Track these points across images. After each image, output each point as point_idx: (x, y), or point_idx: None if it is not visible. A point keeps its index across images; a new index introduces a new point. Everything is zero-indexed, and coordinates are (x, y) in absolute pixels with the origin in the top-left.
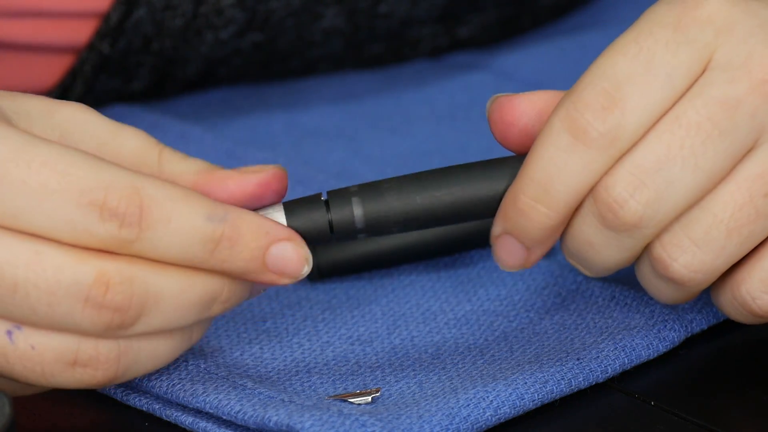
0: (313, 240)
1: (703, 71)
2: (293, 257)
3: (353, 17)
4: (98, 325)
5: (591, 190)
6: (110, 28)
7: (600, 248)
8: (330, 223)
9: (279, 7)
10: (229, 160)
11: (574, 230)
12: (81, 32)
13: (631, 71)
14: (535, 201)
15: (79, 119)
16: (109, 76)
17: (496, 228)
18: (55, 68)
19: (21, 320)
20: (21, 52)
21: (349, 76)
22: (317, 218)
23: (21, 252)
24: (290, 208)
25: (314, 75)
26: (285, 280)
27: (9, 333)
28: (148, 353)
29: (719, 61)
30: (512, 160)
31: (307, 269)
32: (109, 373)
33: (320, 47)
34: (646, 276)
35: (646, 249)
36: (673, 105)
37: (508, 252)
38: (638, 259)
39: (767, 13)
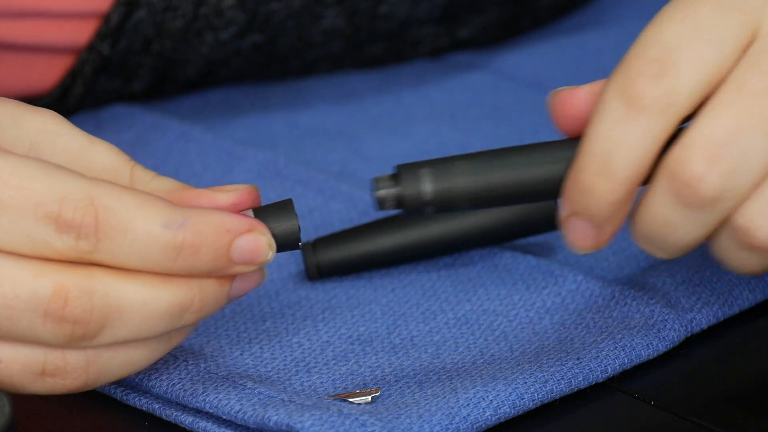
0: (283, 246)
1: (753, 39)
2: (256, 247)
3: (354, 18)
4: (60, 337)
5: (659, 166)
6: (110, 30)
7: (678, 227)
8: (399, 198)
9: (279, 8)
10: (229, 159)
11: (649, 211)
12: (81, 33)
13: (679, 37)
14: (596, 176)
15: (50, 131)
16: (110, 77)
17: (563, 211)
18: (55, 69)
19: None
20: (21, 53)
21: (349, 76)
22: (287, 224)
23: None
24: (260, 213)
25: (314, 75)
26: (251, 269)
27: None
28: (121, 360)
29: None
30: (578, 141)
31: (271, 254)
32: (78, 382)
33: (320, 48)
34: (727, 249)
35: (727, 221)
36: (729, 72)
37: (578, 234)
38: (715, 232)
39: None
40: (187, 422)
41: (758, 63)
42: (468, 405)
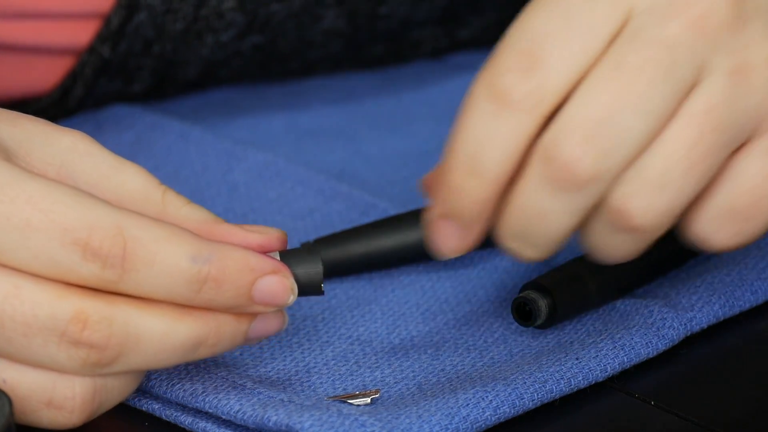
0: (305, 290)
1: (627, 20)
2: (278, 290)
3: (354, 19)
4: (75, 360)
5: (531, 152)
6: (111, 32)
7: (552, 216)
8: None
9: (279, 9)
10: (229, 159)
11: (521, 203)
12: (82, 34)
13: (549, 28)
14: (466, 176)
15: (80, 150)
16: (110, 79)
17: (433, 213)
18: (56, 70)
19: None
20: (21, 54)
21: (349, 77)
22: (311, 269)
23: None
24: (285, 256)
25: (314, 75)
26: (271, 310)
27: None
28: (121, 390)
29: (642, 7)
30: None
31: (292, 298)
32: (84, 415)
33: (320, 48)
34: (601, 235)
35: (602, 205)
36: (603, 54)
37: (446, 237)
38: (589, 219)
39: None
40: (186, 422)
41: (635, 38)
42: (467, 405)
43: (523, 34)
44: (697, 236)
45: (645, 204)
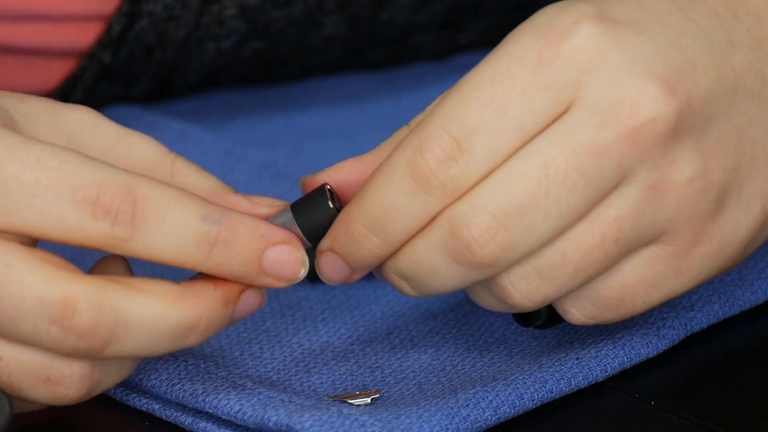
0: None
1: (566, 109)
2: (289, 260)
3: (354, 24)
4: (64, 347)
5: (437, 219)
6: (112, 39)
7: (442, 276)
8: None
9: (280, 16)
10: (228, 159)
11: (416, 256)
12: (82, 36)
13: (481, 120)
14: (368, 231)
15: (87, 122)
16: (110, 83)
17: (324, 243)
18: (56, 73)
19: None
20: (22, 56)
21: (349, 78)
22: (324, 210)
23: None
24: (297, 207)
25: (314, 78)
26: (282, 284)
27: None
28: (120, 369)
29: (587, 100)
30: None
31: (303, 272)
32: (82, 392)
33: (321, 53)
34: (480, 294)
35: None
36: (532, 141)
37: (332, 268)
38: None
39: (639, 42)
40: (187, 422)
41: (568, 141)
42: (468, 405)
43: (455, 118)
44: (558, 305)
45: (528, 290)
